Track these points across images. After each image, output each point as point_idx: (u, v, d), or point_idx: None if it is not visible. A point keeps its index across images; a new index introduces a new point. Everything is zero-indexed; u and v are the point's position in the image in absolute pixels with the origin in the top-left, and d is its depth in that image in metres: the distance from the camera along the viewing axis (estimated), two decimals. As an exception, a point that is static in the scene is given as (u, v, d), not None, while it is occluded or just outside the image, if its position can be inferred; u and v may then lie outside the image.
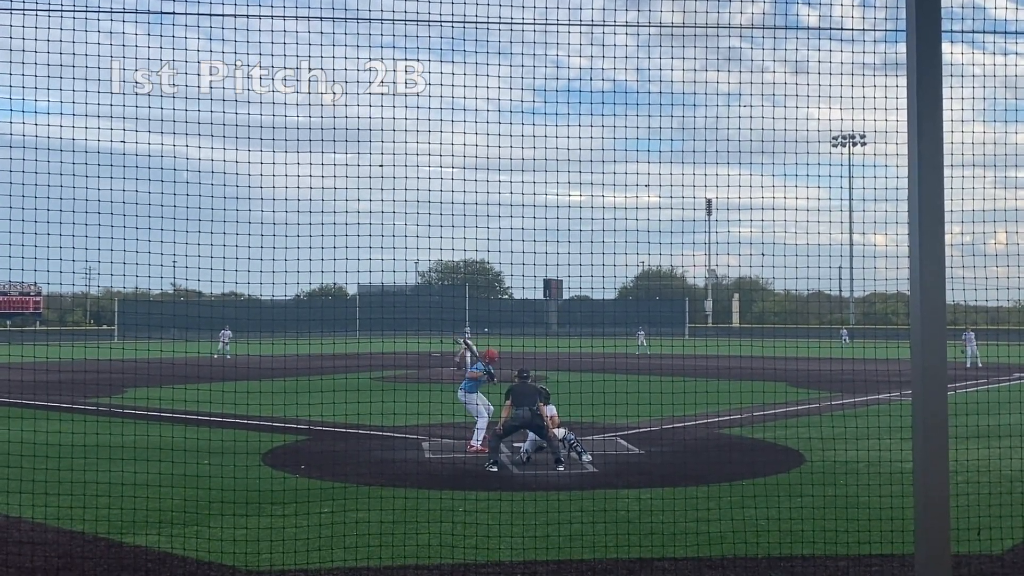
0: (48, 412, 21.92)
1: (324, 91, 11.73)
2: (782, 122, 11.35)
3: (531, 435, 15.52)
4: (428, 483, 13.69)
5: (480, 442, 16.66)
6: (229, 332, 55.88)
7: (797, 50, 11.73)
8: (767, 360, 29.80)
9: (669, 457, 16.43)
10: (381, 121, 11.40)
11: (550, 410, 15.73)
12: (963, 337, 43.67)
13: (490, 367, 17.36)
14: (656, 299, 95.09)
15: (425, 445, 17.44)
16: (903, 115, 5.54)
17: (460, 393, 17.48)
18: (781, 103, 11.78)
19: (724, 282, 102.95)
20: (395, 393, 23.42)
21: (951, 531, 5.31)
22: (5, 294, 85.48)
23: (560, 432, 15.63)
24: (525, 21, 11.07)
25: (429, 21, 11.06)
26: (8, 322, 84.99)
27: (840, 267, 75.81)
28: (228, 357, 51.57)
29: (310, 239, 11.01)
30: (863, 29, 12.32)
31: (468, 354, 20.41)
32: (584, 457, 15.44)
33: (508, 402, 15.44)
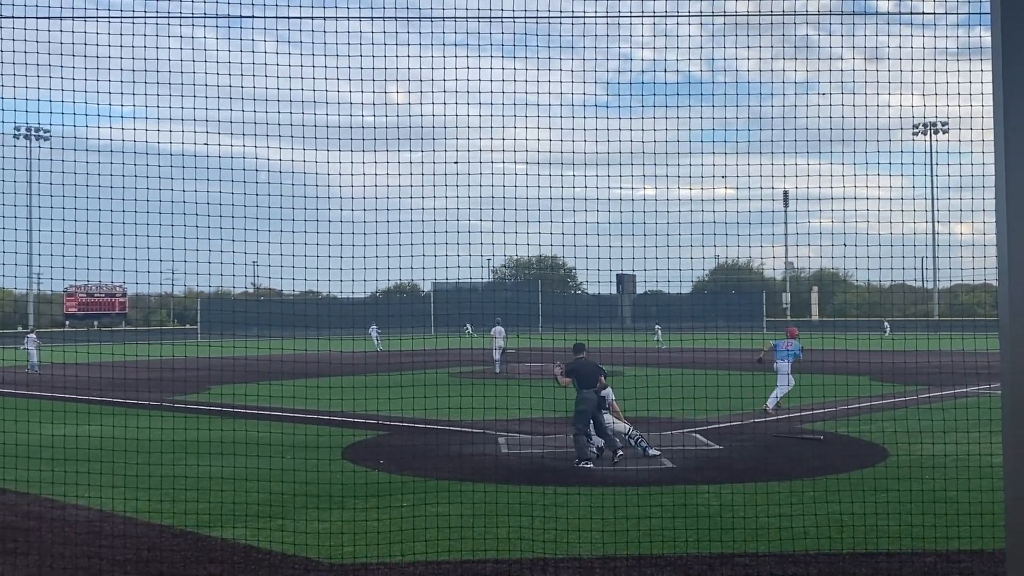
0: (135, 409, 22.58)
1: (396, 90, 11.86)
2: (861, 110, 11.12)
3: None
4: (506, 478, 13.75)
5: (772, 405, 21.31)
6: (377, 328, 58.42)
7: (876, 36, 11.49)
8: (848, 353, 29.19)
9: (748, 452, 16.23)
10: (456, 119, 11.47)
11: (609, 394, 15.60)
12: None
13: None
14: (732, 292, 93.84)
15: (501, 440, 17.52)
16: (987, 100, 5.38)
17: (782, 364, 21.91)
18: (859, 91, 11.54)
19: (802, 274, 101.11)
20: (471, 388, 23.59)
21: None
22: (92, 295, 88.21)
23: (624, 427, 15.53)
24: (592, 15, 11.05)
25: (499, 18, 11.09)
26: (96, 322, 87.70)
27: (923, 257, 73.90)
28: (380, 350, 53.47)
29: (384, 236, 11.13)
30: (943, 13, 11.99)
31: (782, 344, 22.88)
32: (650, 452, 15.29)
33: (568, 379, 15.23)
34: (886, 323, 70.55)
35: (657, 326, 60.29)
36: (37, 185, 12.30)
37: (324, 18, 12.22)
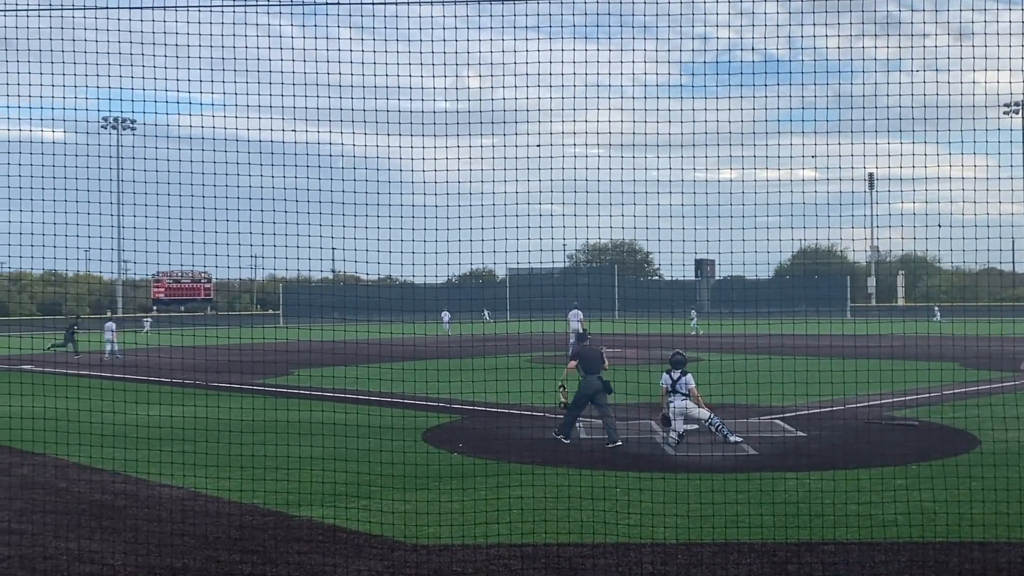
0: (220, 393, 23.10)
1: (470, 75, 11.85)
2: (947, 88, 10.74)
3: (680, 416, 15.22)
4: (584, 463, 13.71)
5: None
6: (448, 314, 59.25)
7: (963, 11, 11.05)
8: (934, 339, 28.43)
9: (833, 439, 15.92)
10: (530, 102, 11.40)
11: (689, 380, 15.40)
12: None
13: None
14: (815, 277, 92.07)
15: (579, 425, 17.47)
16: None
17: None
18: (946, 68, 11.15)
19: (888, 259, 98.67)
20: (544, 372, 23.58)
21: None
22: (179, 281, 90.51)
23: (704, 414, 15.35)
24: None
25: (572, 0, 10.99)
26: (183, 308, 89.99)
27: (1013, 239, 71.44)
28: (450, 336, 54.21)
29: (459, 221, 11.13)
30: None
31: None
32: (731, 438, 15.07)
33: (574, 363, 15.86)
34: (936, 308, 68.45)
35: (693, 312, 59.24)
36: (125, 172, 12.59)
37: (397, 3, 12.25)
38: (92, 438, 12.81)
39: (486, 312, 69.76)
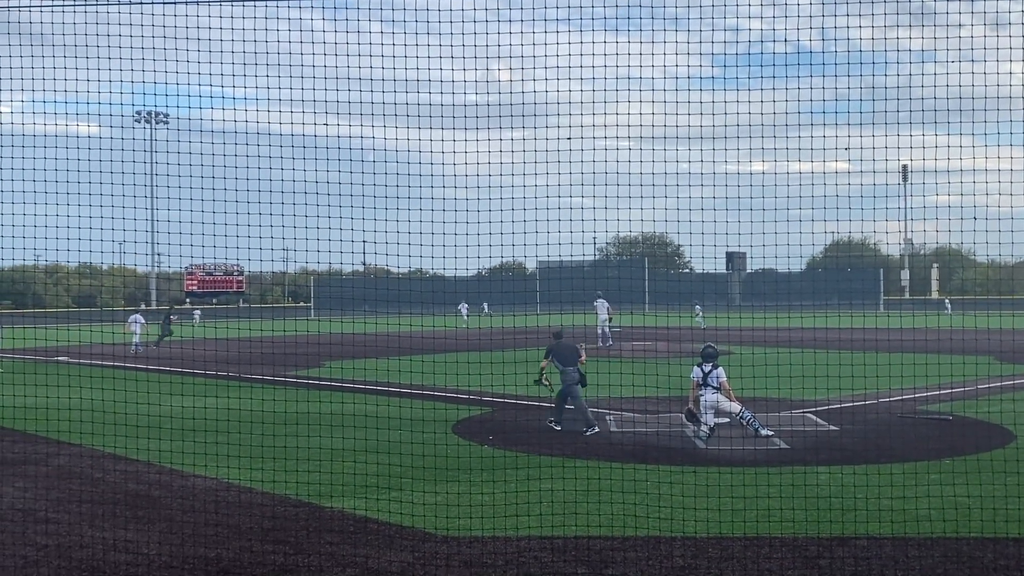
0: (253, 385, 23.29)
1: (499, 68, 11.82)
2: (983, 79, 10.56)
3: (712, 409, 15.16)
4: (615, 456, 13.69)
5: None
6: (466, 305, 59.55)
7: (998, 1, 10.87)
8: (968, 332, 28.13)
9: (866, 433, 15.78)
10: (560, 95, 11.36)
11: (720, 374, 15.33)
12: None
13: None
14: (847, 270, 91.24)
15: (610, 418, 17.45)
16: None
17: None
18: (980, 59, 10.96)
19: (921, 251, 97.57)
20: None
21: None
22: (211, 274, 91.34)
23: (736, 407, 15.26)
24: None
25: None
26: (215, 300, 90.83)
27: (1051, 232, 70.33)
28: (469, 328, 54.84)
29: (489, 214, 11.12)
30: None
31: None
32: (763, 432, 14.98)
33: (548, 359, 16.69)
34: (947, 301, 67.31)
35: (697, 305, 58.49)
36: (159, 166, 12.69)
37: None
38: (127, 429, 12.97)
39: (463, 306, 68.35)
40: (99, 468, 12.96)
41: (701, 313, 56.53)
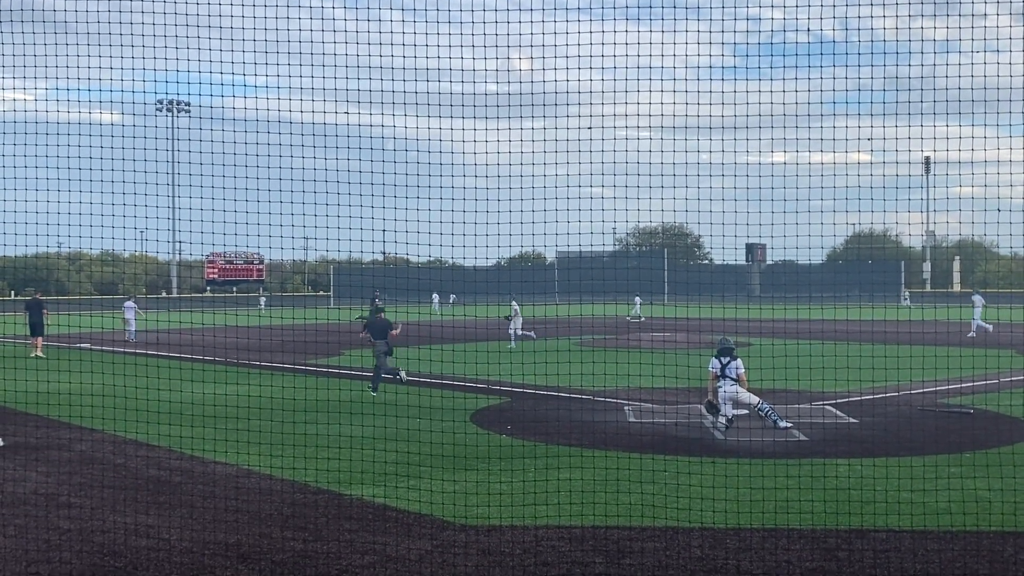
0: (273, 372, 23.42)
1: (519, 56, 11.78)
2: (1006, 69, 10.44)
3: (730, 400, 15.14)
4: (632, 446, 13.68)
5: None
6: (438, 295, 59.66)
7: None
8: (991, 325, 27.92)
9: (885, 426, 15.70)
10: (579, 84, 11.30)
11: (739, 365, 15.28)
12: None
13: None
14: (868, 262, 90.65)
15: (627, 409, 17.45)
16: None
17: None
18: (1005, 49, 10.85)
19: (943, 244, 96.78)
20: (594, 355, 23.55)
21: None
22: (231, 262, 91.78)
23: (754, 399, 15.21)
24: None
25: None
26: (235, 288, 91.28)
27: (1076, 225, 69.48)
28: (442, 316, 54.85)
29: (508, 204, 11.10)
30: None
31: None
32: (781, 424, 14.92)
33: (364, 333, 18.87)
34: (906, 292, 66.62)
35: (637, 298, 58.04)
36: (180, 154, 12.75)
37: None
38: (149, 415, 13.09)
39: (436, 297, 67.86)
40: (121, 454, 13.08)
41: (640, 303, 56.42)
